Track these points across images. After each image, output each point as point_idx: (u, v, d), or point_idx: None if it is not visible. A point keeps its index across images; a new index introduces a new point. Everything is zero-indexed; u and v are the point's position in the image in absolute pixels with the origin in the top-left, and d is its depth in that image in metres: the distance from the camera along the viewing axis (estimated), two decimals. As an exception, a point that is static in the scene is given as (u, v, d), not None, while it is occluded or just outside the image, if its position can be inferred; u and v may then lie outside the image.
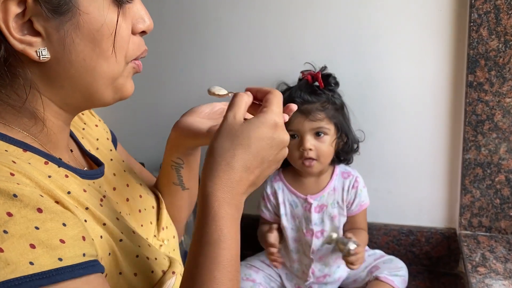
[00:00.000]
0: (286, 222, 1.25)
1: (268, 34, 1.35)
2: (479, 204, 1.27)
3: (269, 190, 1.28)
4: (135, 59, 0.57)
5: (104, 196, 0.62)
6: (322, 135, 1.16)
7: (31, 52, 0.48)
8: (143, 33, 0.57)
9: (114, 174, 0.71)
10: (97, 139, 0.74)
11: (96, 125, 0.77)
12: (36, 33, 0.48)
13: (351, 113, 1.25)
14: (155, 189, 0.84)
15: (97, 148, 0.72)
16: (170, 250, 0.76)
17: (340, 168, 1.26)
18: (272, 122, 0.58)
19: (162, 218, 0.77)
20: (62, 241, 0.43)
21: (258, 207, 1.31)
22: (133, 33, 0.55)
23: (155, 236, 0.74)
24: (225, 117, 0.59)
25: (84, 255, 0.45)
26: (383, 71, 1.29)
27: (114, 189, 0.68)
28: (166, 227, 0.77)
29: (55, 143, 0.57)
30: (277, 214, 1.28)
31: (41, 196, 0.45)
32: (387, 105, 1.32)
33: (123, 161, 0.78)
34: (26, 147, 0.52)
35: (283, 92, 1.21)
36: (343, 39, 1.29)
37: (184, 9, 1.39)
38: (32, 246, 0.41)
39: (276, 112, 0.60)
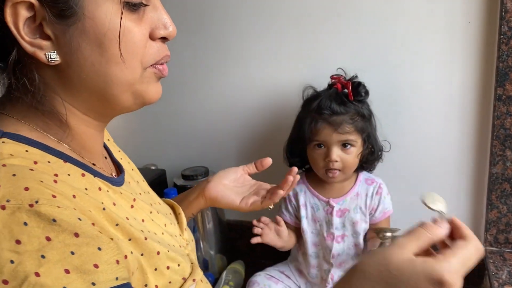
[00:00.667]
0: (306, 225, 1.25)
1: (293, 42, 1.37)
2: (505, 220, 1.24)
3: (290, 192, 1.25)
4: (155, 64, 0.56)
5: (134, 200, 0.63)
6: (349, 146, 1.16)
7: (41, 55, 0.49)
8: (164, 39, 0.57)
9: (138, 182, 0.73)
10: (119, 151, 0.77)
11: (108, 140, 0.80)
12: (47, 37, 0.49)
13: (377, 122, 1.24)
14: None
15: (121, 158, 0.75)
16: (193, 250, 0.77)
17: (364, 174, 1.26)
18: (439, 278, 0.48)
19: (182, 221, 0.78)
20: (96, 265, 0.44)
21: (279, 209, 1.30)
22: (153, 38, 0.55)
23: (180, 235, 0.74)
24: (394, 243, 0.53)
25: (117, 279, 0.46)
26: (410, 83, 1.30)
27: (140, 194, 0.70)
28: (186, 229, 0.78)
29: (89, 149, 0.58)
30: (298, 217, 1.27)
31: (79, 219, 0.46)
32: (413, 116, 1.32)
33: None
34: (65, 158, 0.53)
35: (310, 98, 1.22)
36: (370, 48, 1.30)
37: (206, 17, 1.42)
38: (67, 271, 0.42)
39: (455, 269, 0.49)
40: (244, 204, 0.85)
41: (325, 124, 1.14)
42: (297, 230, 1.29)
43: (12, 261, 0.40)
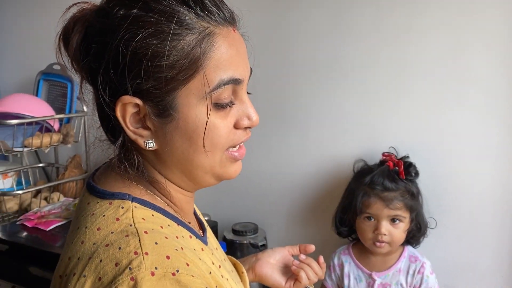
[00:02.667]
0: None
1: (351, 115, 1.44)
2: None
3: (336, 261, 1.32)
4: (233, 146, 0.63)
5: (223, 260, 0.71)
6: (398, 221, 1.21)
7: (141, 141, 0.59)
8: (247, 127, 0.63)
9: (209, 237, 0.80)
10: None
11: None
12: (147, 128, 0.58)
13: (425, 201, 1.28)
14: None
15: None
16: None
17: (409, 251, 1.28)
18: None
19: (246, 280, 0.85)
20: None
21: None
22: (237, 128, 0.61)
23: None
24: None
25: None
26: (460, 165, 1.32)
27: (217, 249, 0.77)
28: None
29: (185, 211, 0.67)
30: (340, 286, 1.31)
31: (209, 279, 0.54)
32: (461, 199, 1.33)
33: None
34: (176, 221, 0.61)
35: (362, 171, 1.29)
36: (424, 130, 1.35)
37: (270, 83, 1.51)
38: None
39: None
40: (288, 286, 0.91)
41: (377, 199, 1.21)
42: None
43: None
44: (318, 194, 1.52)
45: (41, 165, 1.97)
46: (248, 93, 0.63)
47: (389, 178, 1.23)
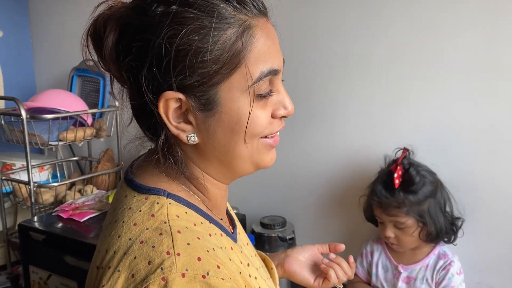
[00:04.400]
0: (375, 282, 1.31)
1: (378, 109, 1.43)
2: None
3: (368, 248, 1.35)
4: (269, 135, 0.63)
5: (252, 255, 0.72)
6: (402, 226, 1.21)
7: (183, 136, 0.59)
8: (283, 117, 0.64)
9: (239, 233, 0.81)
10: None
11: None
12: (189, 122, 0.59)
13: (457, 197, 1.25)
14: None
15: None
16: None
17: (440, 248, 1.26)
18: None
19: (275, 276, 0.85)
20: None
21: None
22: (273, 117, 0.62)
23: None
24: None
25: None
26: (494, 160, 1.29)
27: (247, 244, 0.77)
28: (278, 285, 0.85)
29: (219, 207, 0.68)
30: (369, 273, 1.33)
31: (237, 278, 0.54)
32: (494, 194, 1.30)
33: None
34: (209, 218, 0.62)
35: (379, 172, 1.29)
36: (456, 125, 1.32)
37: (299, 76, 1.51)
38: None
39: None
40: (317, 284, 0.91)
41: (377, 205, 1.24)
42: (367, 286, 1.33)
43: None
44: (346, 188, 1.51)
45: (75, 158, 2.03)
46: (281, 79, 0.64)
47: (385, 184, 1.22)
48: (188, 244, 0.54)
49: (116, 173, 1.85)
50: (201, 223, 0.60)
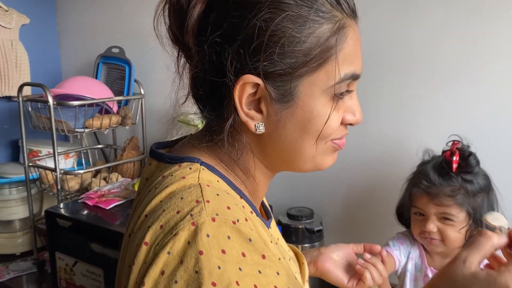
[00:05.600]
0: (408, 278, 1.22)
1: (413, 96, 1.37)
2: None
3: (402, 238, 1.25)
4: (335, 139, 0.62)
5: (288, 250, 0.69)
6: (449, 220, 1.09)
7: (252, 124, 0.57)
8: (349, 124, 0.62)
9: (272, 227, 0.79)
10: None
11: None
12: (260, 111, 0.57)
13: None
14: None
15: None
16: None
17: None
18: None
19: (305, 272, 0.81)
20: (276, 287, 0.50)
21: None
22: (341, 123, 0.61)
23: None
24: (457, 256, 0.59)
25: None
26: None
27: (278, 239, 0.74)
28: (307, 281, 0.81)
29: (257, 195, 0.66)
30: (399, 260, 1.23)
31: (265, 244, 0.53)
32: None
33: None
34: (241, 194, 0.60)
35: (422, 163, 1.18)
36: (500, 118, 1.24)
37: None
38: (256, 286, 0.48)
39: None
40: (351, 285, 0.89)
41: (423, 193, 1.10)
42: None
43: (219, 267, 0.47)
44: (376, 179, 1.46)
45: (100, 146, 2.03)
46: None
47: (439, 171, 1.09)
48: (218, 194, 0.53)
49: (141, 161, 1.84)
50: (227, 193, 0.57)
